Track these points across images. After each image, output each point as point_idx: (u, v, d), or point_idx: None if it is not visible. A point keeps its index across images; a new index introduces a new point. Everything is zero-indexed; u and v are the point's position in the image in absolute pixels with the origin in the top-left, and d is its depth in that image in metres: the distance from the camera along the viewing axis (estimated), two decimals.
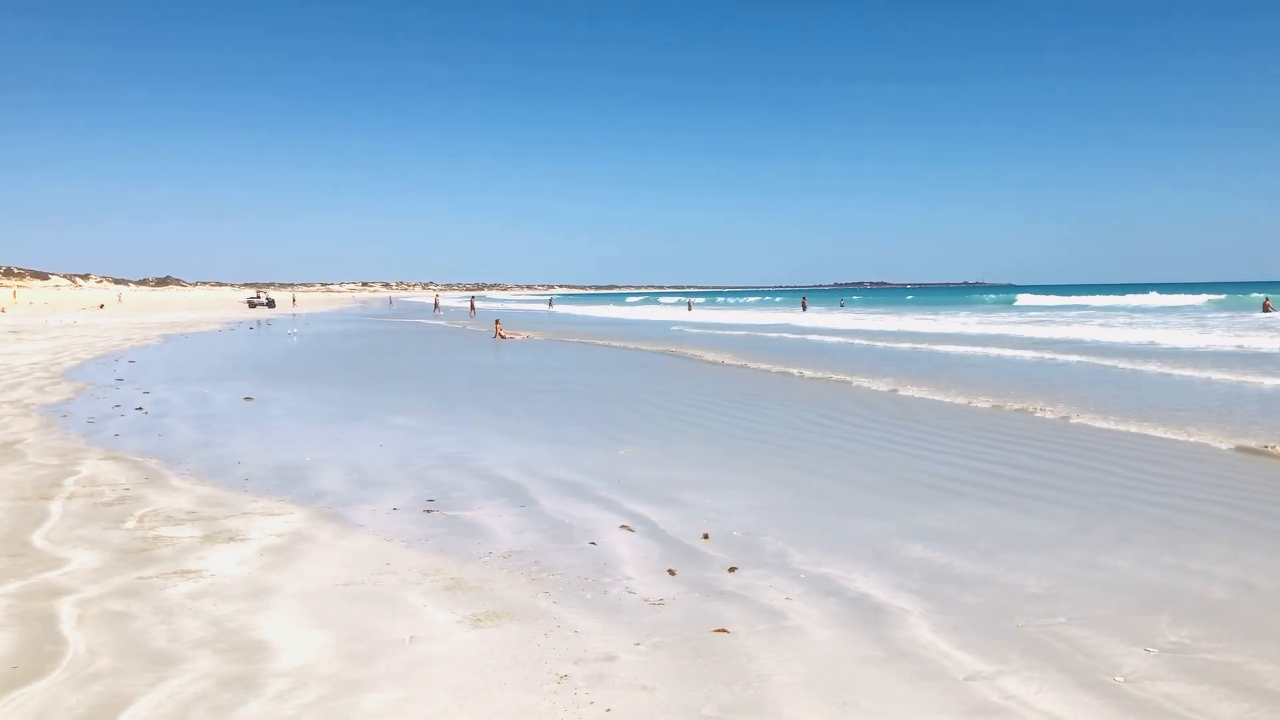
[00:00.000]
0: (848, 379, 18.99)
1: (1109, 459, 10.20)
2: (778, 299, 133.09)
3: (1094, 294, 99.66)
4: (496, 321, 40.05)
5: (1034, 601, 5.79)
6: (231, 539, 7.14)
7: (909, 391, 16.80)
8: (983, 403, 15.16)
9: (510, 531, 7.42)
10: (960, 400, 15.54)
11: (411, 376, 20.79)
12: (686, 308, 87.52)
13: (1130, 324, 43.52)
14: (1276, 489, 8.69)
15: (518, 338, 35.98)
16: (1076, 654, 4.97)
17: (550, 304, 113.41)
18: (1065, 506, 8.12)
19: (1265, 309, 53.02)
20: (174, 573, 6.30)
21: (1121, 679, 4.65)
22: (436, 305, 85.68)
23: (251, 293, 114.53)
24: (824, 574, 6.36)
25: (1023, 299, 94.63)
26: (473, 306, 77.05)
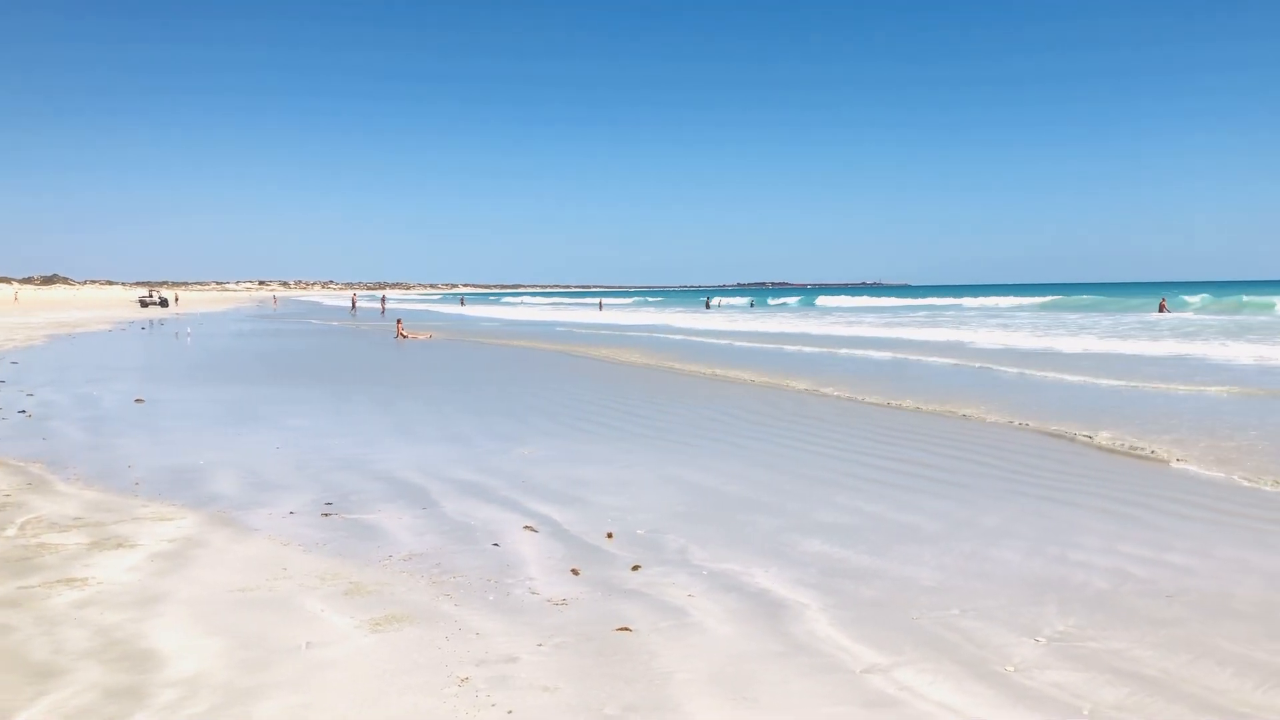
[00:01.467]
0: (746, 377, 19.24)
1: (991, 453, 10.53)
2: (683, 298, 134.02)
3: (970, 295, 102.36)
4: (398, 321, 39.55)
5: (927, 594, 5.93)
6: (120, 545, 6.91)
7: (797, 386, 17.11)
8: (872, 399, 15.50)
9: (411, 534, 7.34)
10: (845, 395, 15.85)
11: (310, 377, 20.39)
12: (598, 307, 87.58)
13: (932, 323, 45.18)
14: (1144, 483, 9.04)
15: (420, 337, 35.56)
16: (968, 645, 5.11)
17: (462, 303, 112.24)
18: (952, 500, 8.35)
19: (1161, 309, 55.22)
20: (58, 581, 6.07)
21: (1011, 668, 4.80)
22: (353, 305, 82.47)
23: (143, 292, 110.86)
24: (725, 570, 6.43)
25: (823, 300, 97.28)
26: (383, 305, 75.77)
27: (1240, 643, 5.10)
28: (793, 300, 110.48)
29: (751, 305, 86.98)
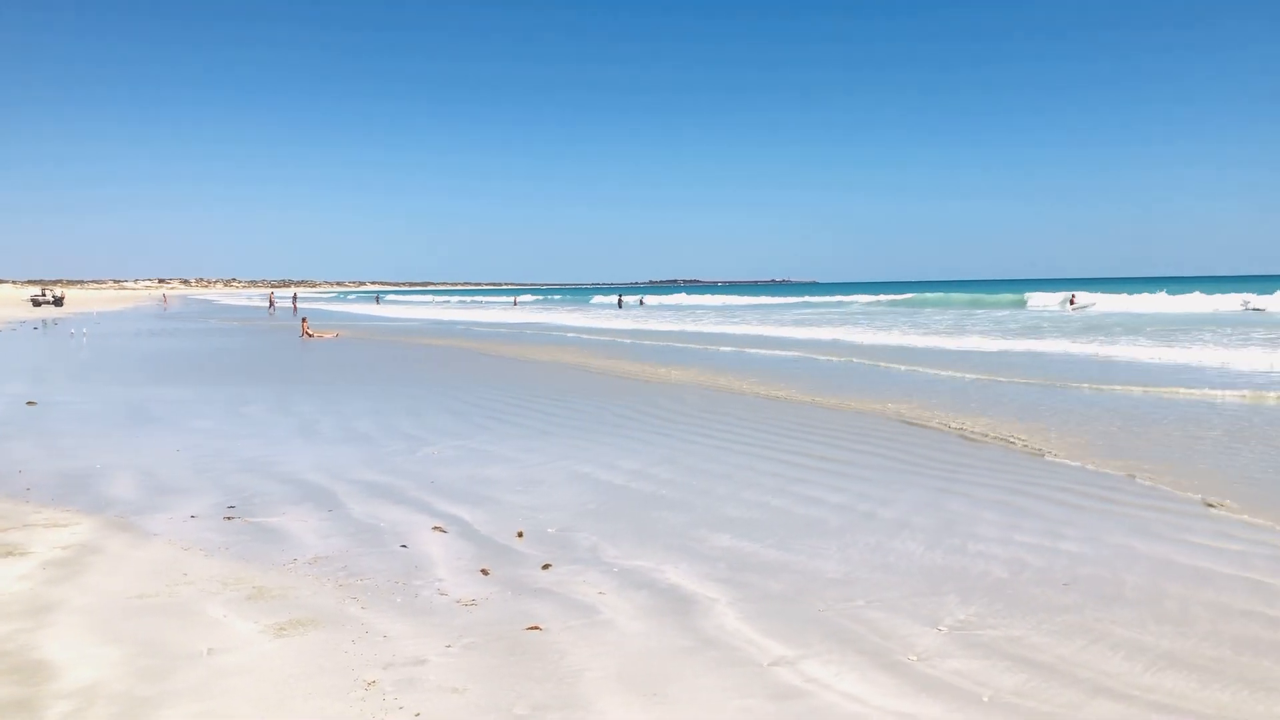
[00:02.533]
0: (660, 374, 19.33)
1: (888, 447, 10.75)
2: (596, 296, 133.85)
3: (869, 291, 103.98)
4: (303, 320, 38.79)
5: (833, 586, 6.04)
6: (10, 553, 6.66)
7: (701, 381, 17.25)
8: (771, 394, 15.70)
9: (317, 536, 7.22)
10: (746, 390, 16.04)
11: (211, 378, 19.87)
12: (512, 304, 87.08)
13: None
14: (1031, 475, 9.32)
15: (326, 336, 34.96)
16: (873, 635, 5.22)
17: (378, 300, 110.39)
18: (854, 494, 8.51)
19: (1071, 304, 56.90)
20: None
21: (915, 657, 4.91)
22: (271, 304, 78.17)
23: (36, 291, 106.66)
24: (636, 567, 6.46)
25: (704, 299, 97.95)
26: (294, 304, 73.95)
27: (1131, 627, 5.29)
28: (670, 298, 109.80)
29: (641, 304, 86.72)
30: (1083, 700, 4.40)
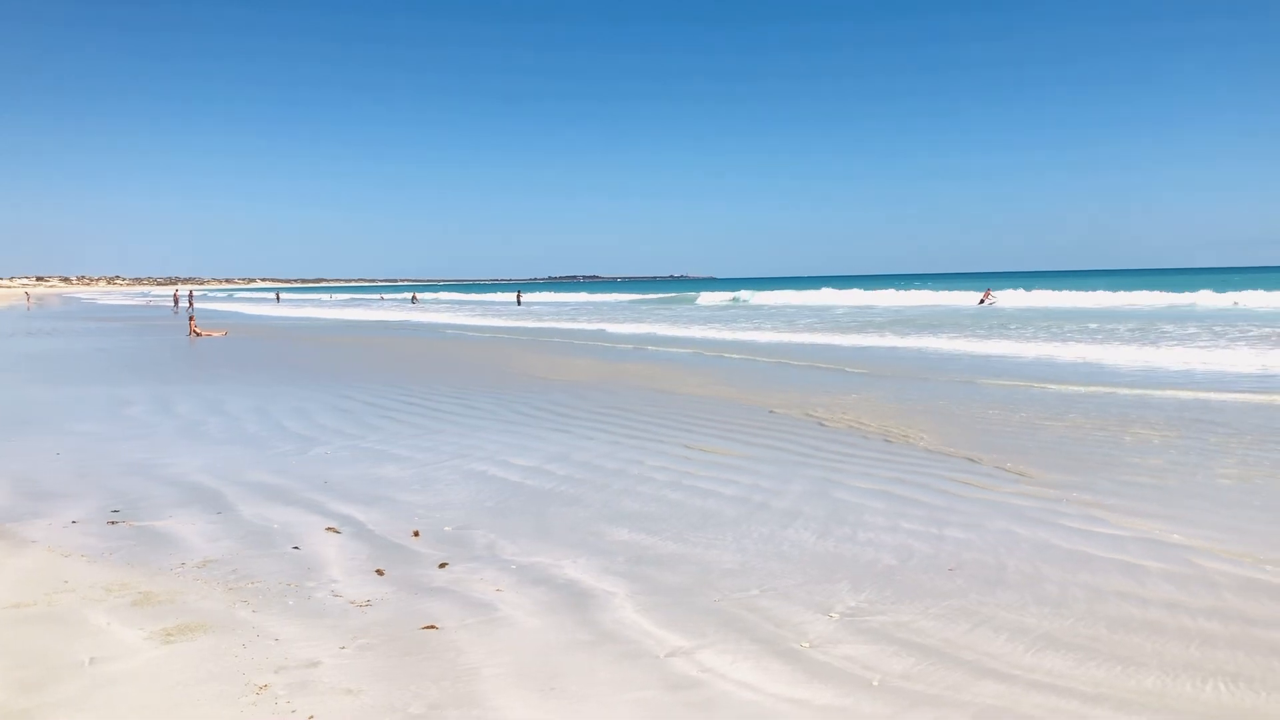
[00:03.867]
0: (553, 371, 19.30)
1: (775, 438, 10.93)
2: (496, 292, 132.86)
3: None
4: (190, 318, 37.67)
5: (729, 576, 6.13)
6: None
7: (593, 378, 17.30)
8: (664, 389, 15.83)
9: (205, 540, 7.04)
10: (639, 386, 16.15)
11: (93, 379, 19.16)
12: (410, 300, 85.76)
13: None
14: (919, 465, 9.59)
15: (215, 335, 34.03)
16: (767, 624, 5.31)
17: (278, 298, 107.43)
18: (746, 486, 8.64)
19: (984, 299, 58.42)
20: None
21: (807, 644, 5.02)
22: (176, 302, 73.76)
23: None
24: (534, 563, 6.45)
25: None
26: (191, 302, 71.39)
27: (1013, 610, 5.49)
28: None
29: (518, 303, 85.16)
30: (968, 682, 4.55)
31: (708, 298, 77.88)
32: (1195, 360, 19.70)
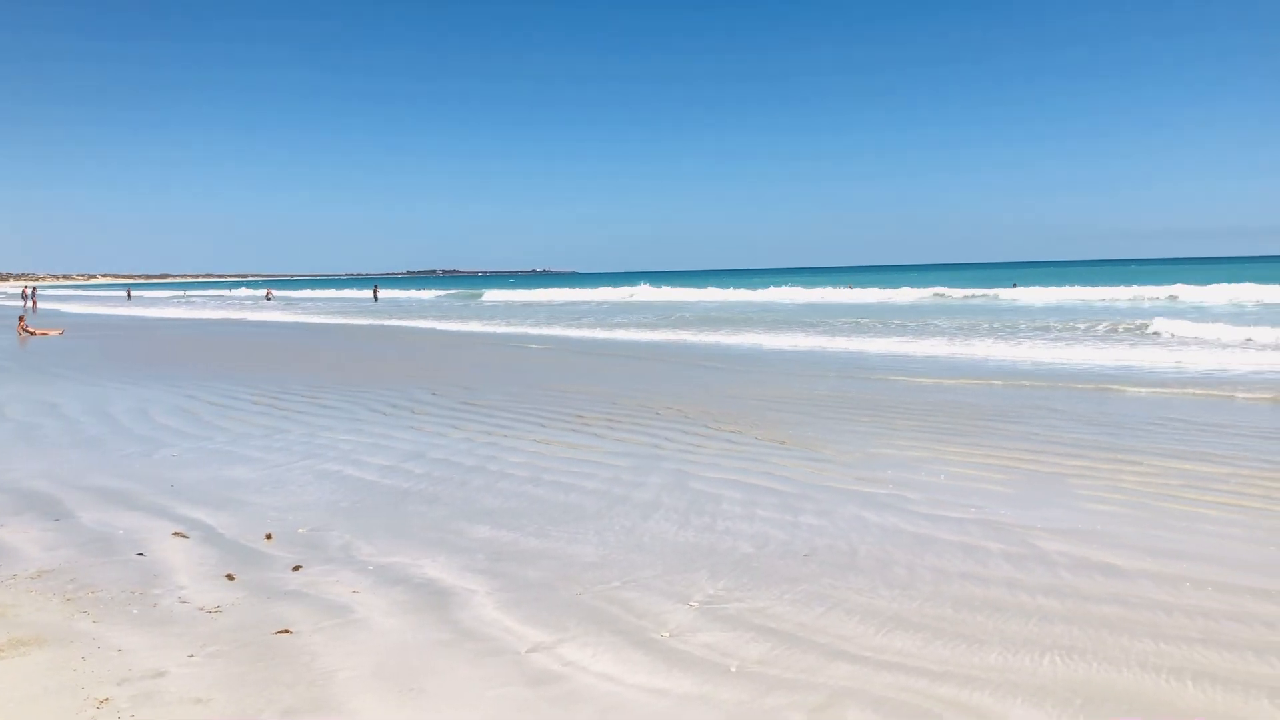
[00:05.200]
0: (402, 369, 18.99)
1: (634, 433, 11.03)
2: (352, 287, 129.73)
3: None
4: (20, 317, 35.65)
5: (590, 570, 6.16)
6: None
7: (442, 375, 17.14)
8: (518, 386, 15.80)
9: (41, 549, 6.69)
10: (488, 383, 16.09)
11: None
12: (265, 297, 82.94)
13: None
14: (770, 455, 9.82)
15: (50, 334, 32.32)
16: (628, 615, 5.36)
17: (129, 295, 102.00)
18: (606, 480, 8.69)
19: (849, 289, 60.57)
20: None
21: (667, 634, 5.08)
22: (25, 297, 67.08)
23: None
24: (392, 563, 6.35)
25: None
26: (33, 300, 66.84)
27: (864, 593, 5.67)
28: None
29: (375, 298, 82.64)
30: (821, 664, 4.68)
31: (492, 295, 78.45)
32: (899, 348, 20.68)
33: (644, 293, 72.75)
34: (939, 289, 59.39)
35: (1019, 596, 5.58)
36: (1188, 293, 47.01)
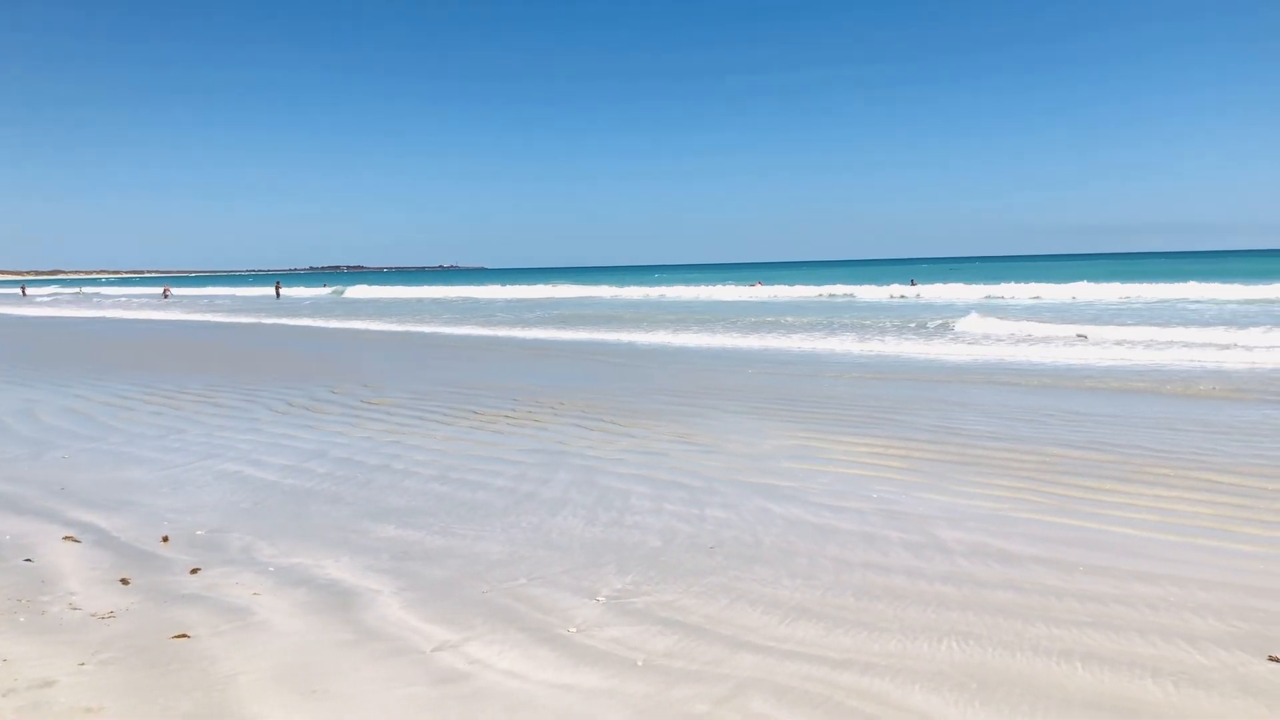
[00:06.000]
0: (293, 367, 18.67)
1: (535, 427, 11.02)
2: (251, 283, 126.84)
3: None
4: None
5: (497, 567, 6.13)
6: None
7: (338, 373, 16.93)
8: (417, 385, 15.67)
9: None
10: (384, 382, 15.93)
11: None
12: (163, 294, 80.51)
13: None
14: (678, 450, 9.91)
15: None
16: (535, 612, 5.35)
17: (24, 292, 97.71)
18: (514, 477, 8.66)
19: (755, 286, 61.17)
20: None
21: (574, 629, 5.09)
22: None
23: None
24: (294, 564, 6.24)
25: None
26: None
27: (768, 584, 5.75)
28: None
29: (277, 295, 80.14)
30: (726, 655, 4.73)
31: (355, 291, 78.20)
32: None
33: (541, 291, 72.52)
34: (833, 287, 59.86)
35: (918, 584, 5.72)
36: (1044, 290, 47.85)
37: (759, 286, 62.35)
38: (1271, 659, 4.57)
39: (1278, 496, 7.50)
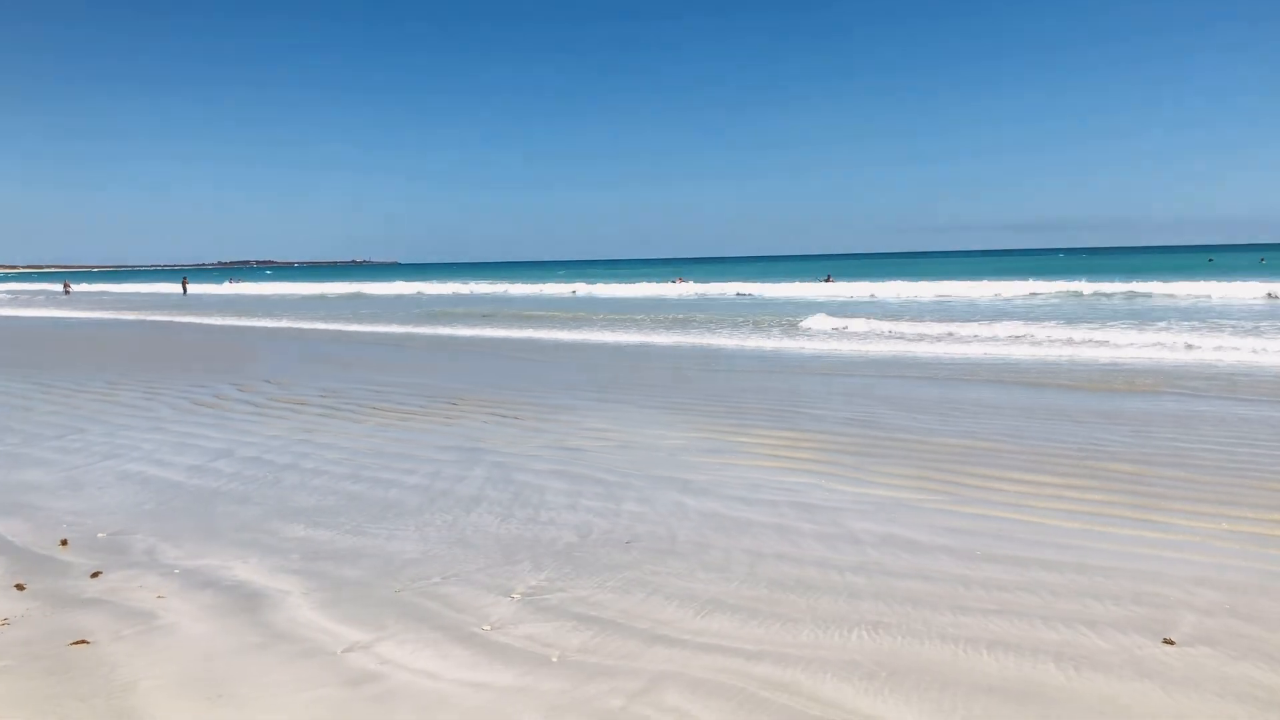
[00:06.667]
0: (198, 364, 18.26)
1: (449, 424, 10.94)
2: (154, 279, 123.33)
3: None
4: None
5: (410, 566, 6.06)
6: None
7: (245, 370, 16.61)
8: (325, 384, 15.45)
9: None
10: (290, 380, 15.68)
11: None
12: (63, 290, 77.92)
13: None
14: (595, 445, 9.92)
15: None
16: (449, 610, 5.30)
17: None
18: (423, 475, 8.56)
19: (677, 282, 61.62)
20: None
21: (489, 627, 5.05)
22: None
23: None
24: (201, 566, 6.09)
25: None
26: None
27: (683, 577, 5.78)
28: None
29: (184, 291, 77.61)
30: (641, 649, 4.74)
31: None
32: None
33: (453, 287, 71.92)
34: (742, 285, 60.04)
35: (829, 575, 5.80)
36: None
37: (680, 283, 62.58)
38: (1167, 642, 4.73)
39: (1171, 484, 7.76)
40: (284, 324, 33.17)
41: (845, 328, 25.24)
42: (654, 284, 64.38)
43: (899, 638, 4.85)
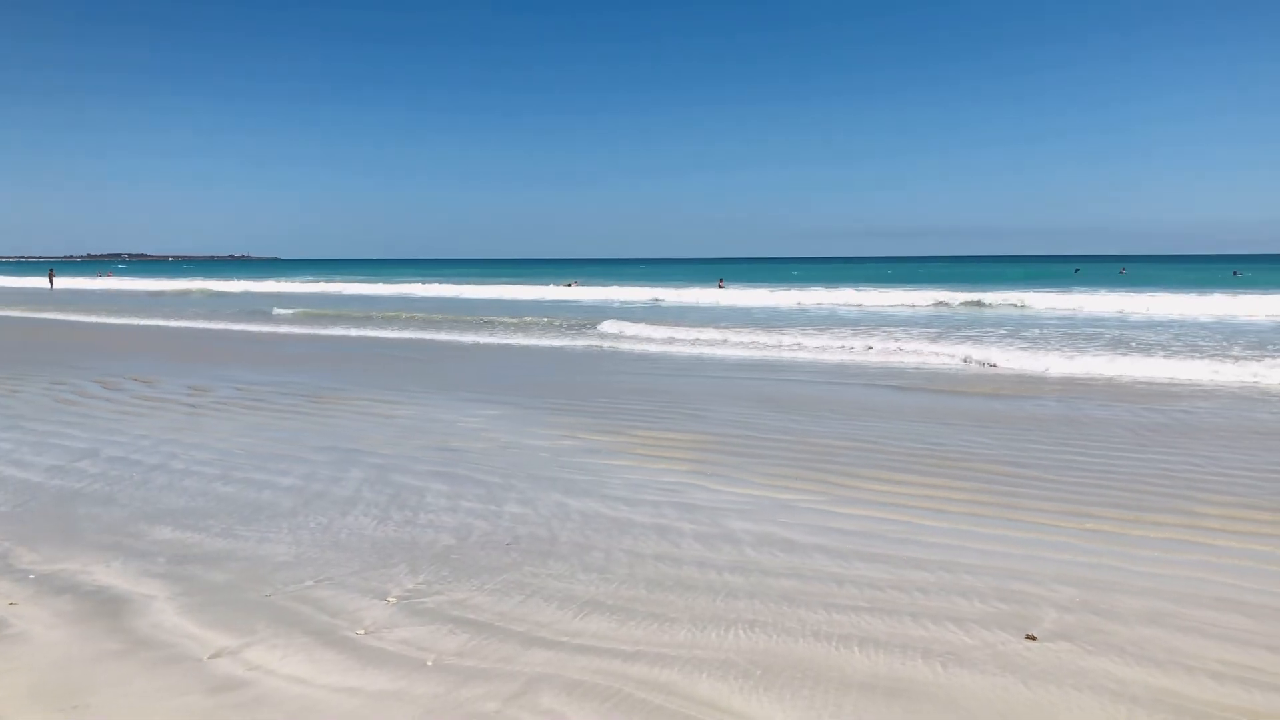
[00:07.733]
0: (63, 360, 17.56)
1: (326, 423, 10.74)
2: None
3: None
4: None
5: (282, 569, 5.90)
6: None
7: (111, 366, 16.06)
8: (196, 380, 15.02)
9: None
10: (162, 376, 15.22)
11: None
12: None
13: None
14: (476, 446, 9.85)
15: None
16: (321, 614, 5.18)
17: None
18: (302, 475, 8.38)
19: (570, 285, 61.07)
20: None
21: (362, 631, 4.96)
22: None
23: None
24: (58, 571, 5.84)
25: None
26: None
27: (563, 579, 5.76)
28: None
29: (51, 284, 74.15)
30: (518, 652, 4.71)
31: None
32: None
33: (335, 286, 70.21)
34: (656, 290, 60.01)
35: (708, 574, 5.85)
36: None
37: (574, 286, 62.32)
38: (1029, 637, 4.90)
39: (1034, 484, 8.06)
40: (169, 323, 32.05)
41: (622, 332, 25.62)
42: (540, 286, 63.87)
43: (774, 636, 4.92)
